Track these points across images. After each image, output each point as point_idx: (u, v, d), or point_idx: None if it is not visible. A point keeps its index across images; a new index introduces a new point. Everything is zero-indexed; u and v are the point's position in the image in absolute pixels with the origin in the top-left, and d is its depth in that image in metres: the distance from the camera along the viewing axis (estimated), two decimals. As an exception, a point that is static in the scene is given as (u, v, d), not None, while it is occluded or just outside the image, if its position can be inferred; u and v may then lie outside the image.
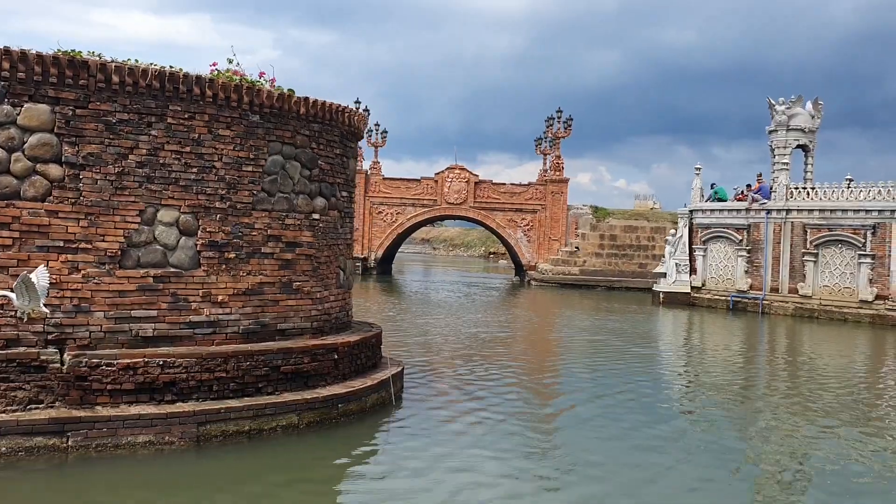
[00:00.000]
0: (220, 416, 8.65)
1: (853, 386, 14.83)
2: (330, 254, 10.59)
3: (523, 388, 12.96)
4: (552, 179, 45.75)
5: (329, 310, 10.57)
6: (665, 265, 33.10)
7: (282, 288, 9.83)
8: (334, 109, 10.43)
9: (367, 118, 11.51)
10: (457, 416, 10.56)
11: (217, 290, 9.26)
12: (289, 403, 9.16)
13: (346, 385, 10.04)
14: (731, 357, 18.80)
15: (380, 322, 22.85)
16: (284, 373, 9.41)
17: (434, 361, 15.23)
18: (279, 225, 9.78)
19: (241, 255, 9.44)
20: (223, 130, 9.26)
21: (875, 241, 27.14)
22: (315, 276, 10.27)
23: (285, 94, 9.76)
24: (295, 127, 9.94)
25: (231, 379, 8.98)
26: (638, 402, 12.27)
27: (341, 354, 10.14)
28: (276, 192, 9.76)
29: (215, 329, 9.24)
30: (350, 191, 11.23)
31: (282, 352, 9.40)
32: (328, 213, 10.51)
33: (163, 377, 8.59)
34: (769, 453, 9.78)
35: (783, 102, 30.83)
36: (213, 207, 9.21)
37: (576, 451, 9.39)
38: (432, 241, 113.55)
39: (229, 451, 8.53)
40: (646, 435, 10.14)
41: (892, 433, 11.14)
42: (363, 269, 44.79)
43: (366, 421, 9.99)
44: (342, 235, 10.93)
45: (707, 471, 8.86)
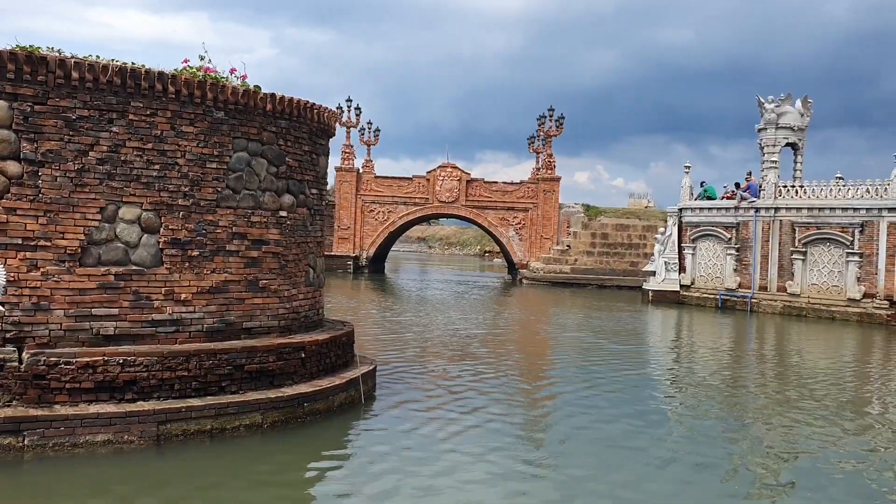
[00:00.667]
0: (180, 414, 8.58)
1: (840, 385, 14.74)
2: (298, 252, 10.51)
3: (499, 388, 12.84)
4: (544, 178, 45.67)
5: (298, 308, 10.50)
6: (654, 263, 33.05)
7: (248, 286, 9.76)
8: (302, 106, 10.35)
9: (338, 115, 11.40)
10: (427, 416, 10.49)
11: (180, 289, 9.18)
12: (252, 402, 9.08)
13: (314, 384, 9.96)
14: (717, 357, 18.70)
15: (363, 320, 23.04)
16: (249, 372, 9.34)
17: (411, 359, 15.15)
18: (245, 222, 9.71)
19: (205, 253, 9.36)
20: (186, 127, 9.18)
21: (863, 239, 27.10)
22: (283, 274, 10.19)
23: (251, 90, 9.69)
24: (261, 123, 9.86)
25: (193, 378, 8.90)
26: (620, 401, 12.19)
27: (309, 353, 10.07)
28: (242, 190, 9.68)
29: (179, 327, 9.17)
30: (321, 188, 11.15)
31: (246, 350, 9.33)
32: (296, 210, 10.43)
33: (123, 376, 8.51)
34: (757, 453, 9.70)
35: (772, 101, 30.79)
36: (176, 205, 9.14)
37: (551, 452, 9.32)
38: (428, 240, 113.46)
39: (190, 450, 8.46)
40: (628, 433, 10.07)
41: (880, 432, 11.11)
42: (355, 268, 44.76)
43: (333, 420, 9.92)
44: (311, 233, 10.85)
45: (693, 471, 8.83)
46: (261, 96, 9.78)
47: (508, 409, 11.31)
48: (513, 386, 13.20)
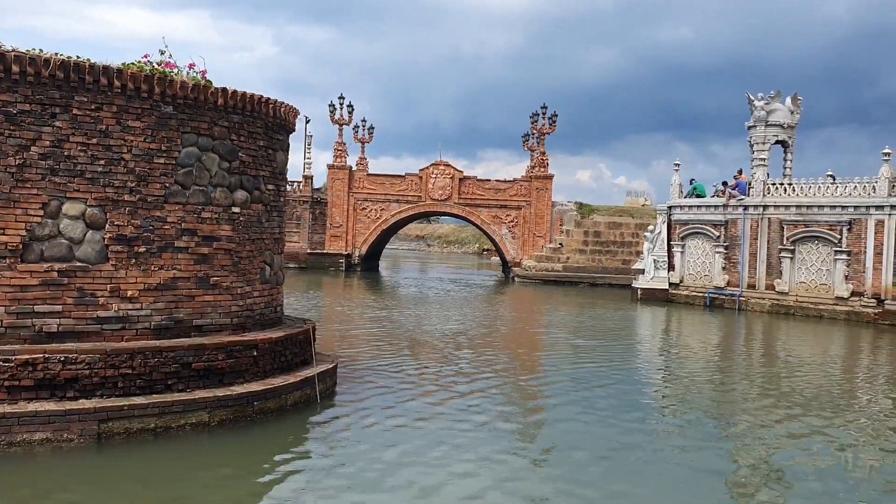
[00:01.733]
0: (123, 413, 8.47)
1: (827, 383, 14.58)
2: (253, 248, 10.39)
3: (470, 388, 12.54)
4: (537, 176, 45.53)
5: (252, 306, 10.38)
6: (643, 261, 32.89)
7: (198, 283, 9.64)
8: (256, 101, 10.23)
9: (297, 110, 11.27)
10: (385, 415, 10.34)
11: (126, 285, 9.07)
12: (199, 401, 8.97)
13: (266, 382, 9.84)
14: (703, 356, 18.39)
15: (343, 317, 22.92)
16: (197, 370, 9.22)
17: (382, 357, 15.03)
18: (194, 218, 9.59)
19: (153, 250, 9.24)
20: (133, 122, 9.06)
21: (851, 237, 26.90)
22: (236, 271, 10.07)
23: (200, 84, 9.56)
24: (212, 118, 9.74)
25: (138, 375, 8.79)
26: (594, 401, 11.90)
27: (261, 351, 9.95)
28: (192, 185, 9.56)
29: (125, 325, 9.06)
30: (278, 184, 11.03)
31: (193, 348, 9.21)
32: (250, 206, 10.30)
33: (64, 373, 8.40)
34: (744, 453, 9.58)
35: (762, 98, 30.59)
36: (122, 200, 9.02)
37: (512, 452, 9.15)
38: (427, 238, 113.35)
39: (132, 449, 8.35)
40: (605, 436, 9.89)
41: (866, 430, 11.01)
42: (347, 266, 44.66)
43: (286, 419, 9.80)
44: (268, 230, 10.73)
45: (680, 469, 8.77)
46: (211, 91, 9.66)
47: (476, 408, 11.09)
48: (485, 385, 12.88)
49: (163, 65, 10.04)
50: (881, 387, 14.79)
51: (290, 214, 45.02)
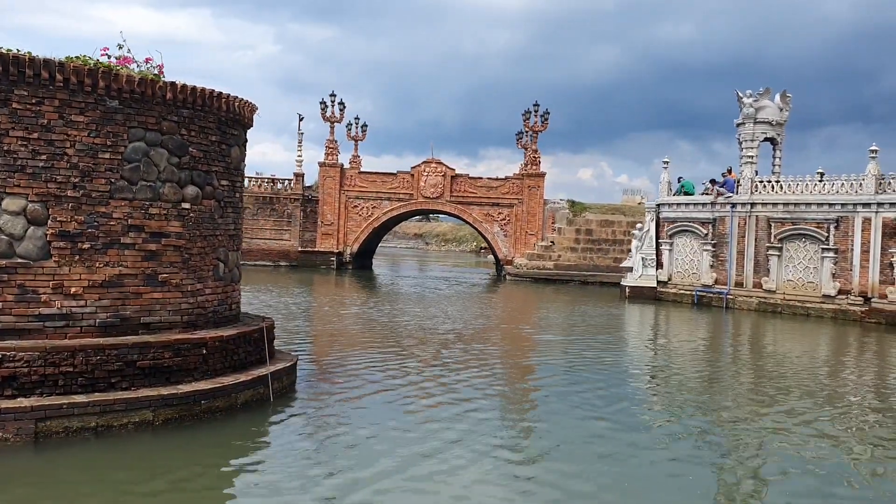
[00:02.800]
0: (62, 411, 8.33)
1: (813, 383, 14.39)
2: (205, 245, 10.24)
3: (435, 387, 12.31)
4: (528, 173, 45.34)
5: (204, 303, 10.23)
6: (632, 259, 32.72)
7: (146, 280, 9.50)
8: (207, 95, 10.08)
9: (253, 105, 11.12)
10: (337, 416, 10.19)
11: (70, 282, 8.93)
12: (142, 399, 8.83)
13: (216, 381, 9.70)
14: (687, 355, 18.09)
15: (324, 314, 22.77)
16: (142, 368, 9.08)
17: (350, 356, 14.89)
18: (142, 214, 9.44)
19: (98, 246, 9.10)
20: (76, 116, 8.92)
21: (838, 234, 26.72)
22: (186, 267, 9.93)
23: (148, 78, 9.41)
24: (160, 113, 9.59)
25: (79, 374, 8.65)
26: (569, 404, 11.71)
27: (211, 349, 9.81)
28: (139, 181, 9.41)
29: (68, 322, 8.92)
30: (233, 180, 10.87)
31: (138, 346, 9.07)
32: (202, 202, 10.16)
33: (2, 371, 8.27)
34: (731, 456, 9.47)
35: (750, 95, 30.40)
36: (65, 196, 8.88)
37: (458, 453, 9.00)
38: (425, 236, 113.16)
39: (71, 448, 8.21)
40: (579, 440, 9.71)
41: (851, 429, 10.92)
42: (338, 264, 44.52)
43: (237, 418, 9.66)
44: (221, 226, 10.57)
45: (668, 463, 8.76)
46: (159, 85, 9.51)
47: (436, 410, 10.88)
48: (449, 386, 12.56)
49: (120, 60, 9.93)
50: (867, 386, 14.59)
51: (280, 212, 44.96)
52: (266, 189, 45.32)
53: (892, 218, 25.28)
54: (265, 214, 44.75)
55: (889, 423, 11.45)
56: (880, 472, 9.03)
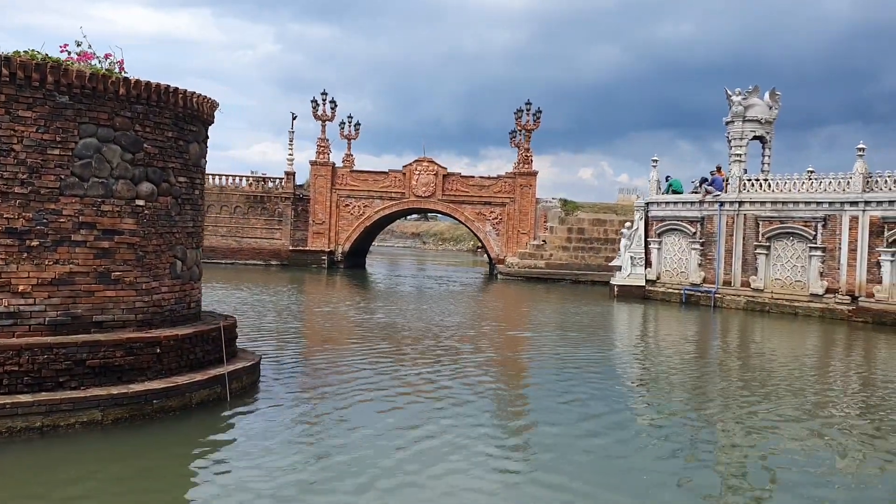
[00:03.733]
0: (4, 411, 8.20)
1: (799, 383, 14.18)
2: (161, 242, 10.11)
3: (399, 390, 12.19)
4: (520, 172, 45.22)
5: (160, 301, 10.10)
6: (621, 258, 32.58)
7: (98, 278, 9.37)
8: (162, 90, 9.94)
9: (214, 101, 10.98)
10: (295, 416, 10.02)
11: (18, 280, 8.80)
12: (89, 399, 8.70)
13: (170, 380, 9.57)
14: (673, 357, 17.66)
15: (304, 313, 22.57)
16: (92, 367, 8.95)
17: (323, 354, 14.74)
18: (93, 211, 9.31)
19: (47, 243, 8.97)
20: (24, 111, 8.79)
21: (825, 233, 26.57)
22: (140, 265, 9.80)
23: (100, 73, 9.28)
24: (113, 108, 9.46)
25: (25, 373, 8.52)
26: (541, 407, 11.63)
27: (166, 348, 9.67)
28: (91, 177, 9.28)
29: (16, 320, 8.79)
30: (192, 176, 10.73)
31: (87, 345, 8.94)
32: (157, 199, 10.02)
33: (-56, 371, 8.14)
34: (719, 457, 9.39)
35: (739, 93, 30.24)
36: (12, 193, 8.75)
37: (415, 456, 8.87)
38: (422, 236, 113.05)
39: (15, 449, 8.08)
40: (546, 442, 9.63)
41: (837, 429, 10.82)
42: (329, 263, 44.40)
43: (190, 418, 9.52)
44: (179, 223, 10.44)
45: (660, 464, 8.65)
46: (112, 80, 9.38)
47: (397, 414, 10.73)
48: (416, 388, 12.33)
49: (81, 56, 9.82)
50: (854, 387, 14.43)
51: (271, 211, 44.85)
52: (257, 188, 45.19)
53: (879, 217, 25.13)
54: (256, 213, 44.65)
55: (875, 422, 11.39)
56: (864, 469, 8.99)
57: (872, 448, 9.87)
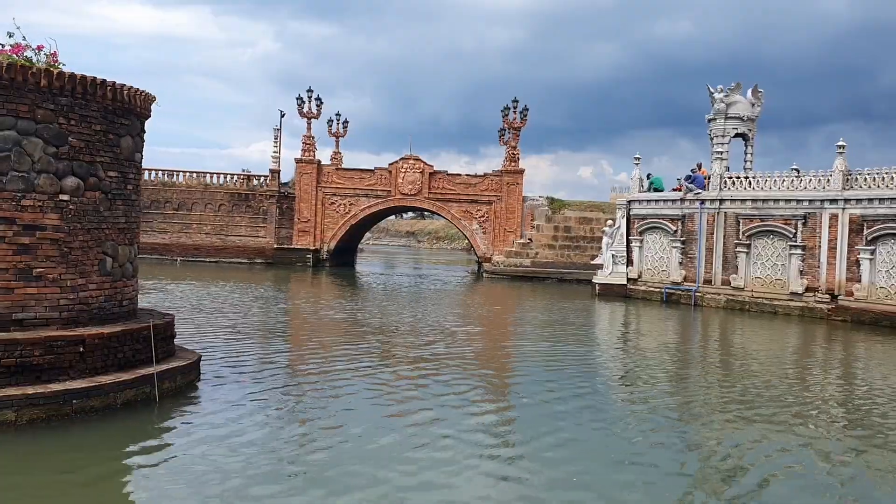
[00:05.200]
0: None
1: (779, 384, 13.92)
2: (88, 238, 9.84)
3: (342, 392, 11.89)
4: (507, 170, 44.93)
5: (87, 299, 9.84)
6: (603, 256, 32.32)
7: (17, 275, 9.11)
8: (89, 82, 9.68)
9: (149, 95, 10.72)
10: (224, 418, 9.71)
11: (-70, 277, 8.55)
12: (2, 399, 8.43)
13: (92, 380, 9.31)
14: (649, 358, 17.38)
15: (272, 311, 22.14)
16: (7, 366, 8.69)
17: (275, 355, 14.48)
18: (13, 206, 9.06)
19: (-38, 239, 8.71)
20: (-64, 103, 8.53)
21: (806, 231, 26.31)
22: (65, 262, 9.54)
23: (18, 64, 9.02)
24: (34, 100, 9.20)
25: (-66, 372, 8.26)
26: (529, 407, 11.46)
27: (90, 347, 9.42)
28: (10, 171, 9.03)
29: (-71, 318, 8.53)
30: (124, 171, 10.45)
31: (2, 343, 8.68)
32: (84, 194, 9.76)
33: None
34: (701, 461, 9.17)
35: (721, 90, 30.02)
36: (-76, 187, 8.49)
37: (333, 457, 8.63)
38: (417, 234, 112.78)
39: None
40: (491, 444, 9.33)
41: (816, 428, 10.79)
42: (315, 262, 44.14)
43: (114, 419, 9.23)
44: (109, 219, 10.17)
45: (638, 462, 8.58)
46: (32, 71, 9.12)
47: (333, 415, 10.52)
48: (356, 389, 11.97)
49: (13, 48, 9.57)
50: (832, 385, 14.25)
51: (256, 209, 44.59)
52: (241, 186, 44.94)
53: (859, 214, 24.87)
54: (240, 211, 44.39)
55: (852, 420, 11.38)
56: (840, 471, 8.90)
57: (847, 446, 9.80)
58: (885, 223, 24.11)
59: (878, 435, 10.38)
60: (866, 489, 8.24)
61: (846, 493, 8.01)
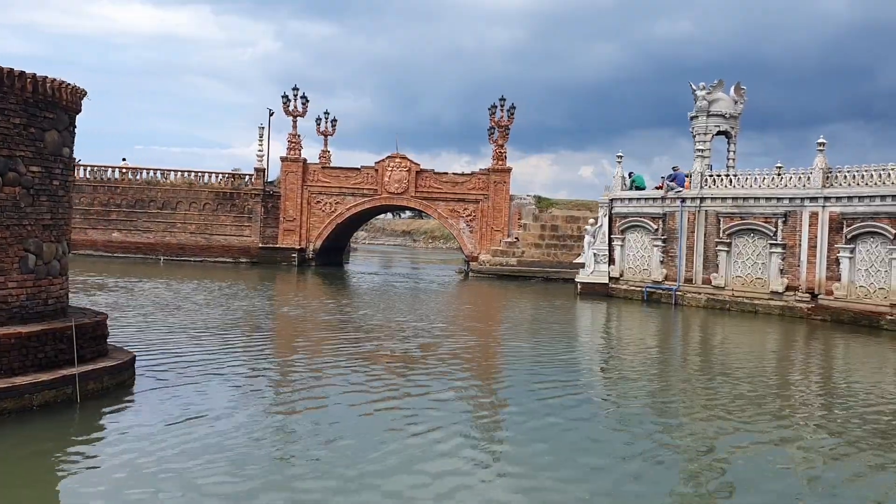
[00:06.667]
0: None
1: (757, 384, 13.72)
2: (7, 235, 9.56)
3: (283, 397, 11.63)
4: (495, 169, 44.59)
5: (6, 298, 9.56)
6: (585, 255, 32.02)
7: (-71, 272, 8.82)
8: (6, 74, 9.39)
9: (77, 88, 10.43)
10: (147, 420, 9.43)
11: None
12: None
13: (8, 381, 9.03)
14: (627, 359, 17.12)
15: (243, 311, 21.69)
16: (-88, 367, 8.41)
17: (219, 355, 14.13)
18: (-77, 202, 8.77)
19: None
20: None
21: (786, 230, 25.98)
22: (-19, 259, 9.25)
23: (-73, 55, 8.73)
24: (-54, 93, 8.91)
25: None
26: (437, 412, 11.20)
27: (6, 347, 9.13)
28: (-81, 166, 8.74)
29: None
30: (48, 166, 10.15)
31: None
32: (2, 189, 9.47)
33: None
34: (683, 460, 9.08)
35: (703, 87, 29.65)
36: None
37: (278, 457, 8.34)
38: (413, 234, 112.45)
39: None
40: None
41: (794, 428, 10.74)
42: (300, 261, 43.81)
43: (32, 421, 8.98)
44: (31, 215, 9.88)
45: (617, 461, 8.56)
46: (-57, 62, 8.83)
47: (262, 423, 10.24)
48: (294, 394, 11.68)
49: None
50: (809, 389, 13.95)
51: (241, 208, 44.30)
52: (227, 184, 44.65)
53: (839, 212, 24.54)
54: (226, 210, 44.10)
55: (830, 420, 11.26)
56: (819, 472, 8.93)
57: (828, 445, 9.80)
58: (864, 221, 23.78)
59: (854, 434, 10.29)
60: (841, 488, 8.17)
61: (824, 492, 8.02)
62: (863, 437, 10.11)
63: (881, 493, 8.00)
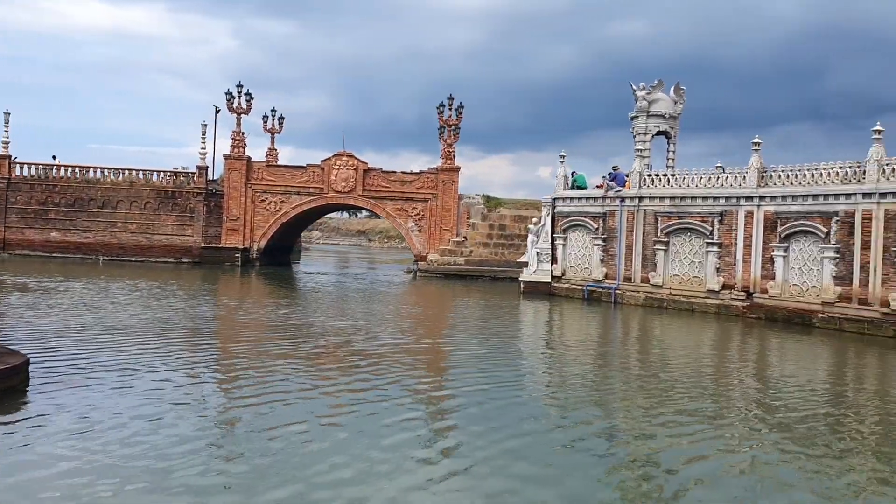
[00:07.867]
0: None
1: (694, 384, 13.68)
2: None
3: (190, 397, 11.32)
4: (443, 168, 44.43)
5: None
6: (528, 254, 32.00)
7: None
8: None
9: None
10: (46, 426, 9.01)
11: None
12: None
13: None
14: (565, 358, 17.08)
15: (164, 311, 20.96)
16: None
17: (125, 357, 13.65)
18: None
19: None
20: None
21: (722, 229, 26.25)
22: None
23: None
24: None
25: None
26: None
27: None
28: None
29: None
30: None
31: None
32: None
33: None
34: (623, 461, 8.97)
35: (643, 88, 29.86)
36: None
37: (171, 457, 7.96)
38: (368, 233, 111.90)
39: None
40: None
41: (736, 427, 10.72)
42: (244, 261, 43.09)
43: None
44: None
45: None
46: None
47: (166, 422, 9.85)
48: (205, 393, 11.51)
49: None
50: (744, 385, 13.95)
51: (183, 207, 43.42)
52: (168, 183, 43.70)
53: (773, 212, 24.86)
54: (167, 209, 43.17)
55: (764, 417, 11.36)
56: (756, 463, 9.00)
57: (758, 438, 9.99)
58: (797, 220, 24.11)
59: (789, 431, 10.44)
60: (779, 484, 8.23)
61: (761, 489, 8.05)
62: (799, 435, 10.26)
63: (821, 486, 8.16)
